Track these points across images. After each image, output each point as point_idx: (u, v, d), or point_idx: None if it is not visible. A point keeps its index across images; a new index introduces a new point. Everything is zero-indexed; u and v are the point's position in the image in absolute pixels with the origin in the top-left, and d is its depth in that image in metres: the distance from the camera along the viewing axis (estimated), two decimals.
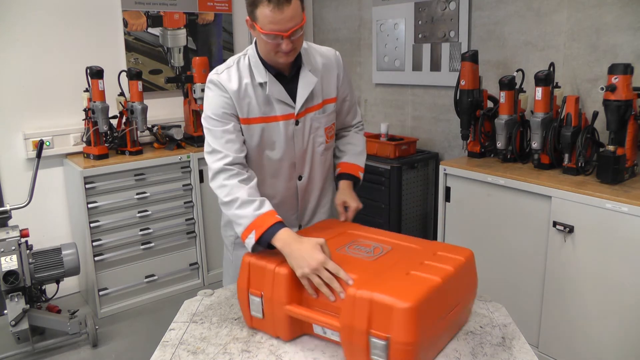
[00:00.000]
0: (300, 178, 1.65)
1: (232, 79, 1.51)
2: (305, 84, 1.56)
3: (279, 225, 1.35)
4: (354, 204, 1.66)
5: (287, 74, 1.55)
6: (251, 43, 1.60)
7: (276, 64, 1.51)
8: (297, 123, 1.57)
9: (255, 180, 1.49)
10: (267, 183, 1.62)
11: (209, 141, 1.51)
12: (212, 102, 1.52)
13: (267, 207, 1.40)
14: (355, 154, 1.77)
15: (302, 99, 1.55)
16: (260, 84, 1.52)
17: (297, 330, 1.30)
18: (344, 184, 1.71)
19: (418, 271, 1.22)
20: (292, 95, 1.55)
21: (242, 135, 1.54)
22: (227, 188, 1.43)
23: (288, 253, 1.27)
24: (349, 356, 1.18)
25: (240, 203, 1.40)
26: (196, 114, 3.44)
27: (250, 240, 1.35)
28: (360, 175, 1.75)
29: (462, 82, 2.72)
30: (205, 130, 1.53)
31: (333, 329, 1.20)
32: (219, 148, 1.48)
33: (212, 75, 1.54)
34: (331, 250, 1.32)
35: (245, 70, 1.54)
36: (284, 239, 1.31)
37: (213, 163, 1.48)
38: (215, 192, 1.48)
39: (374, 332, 1.11)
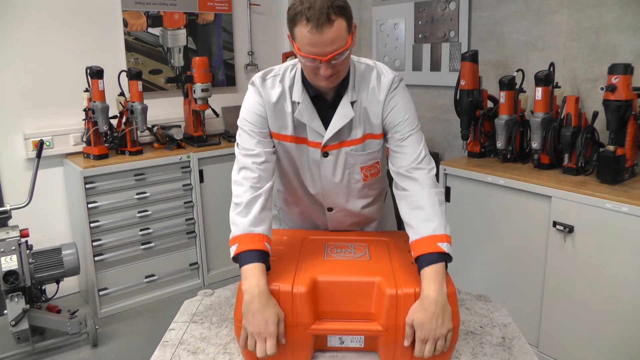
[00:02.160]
0: (330, 210, 1.53)
1: (274, 88, 1.39)
2: (340, 117, 1.37)
3: (260, 256, 1.23)
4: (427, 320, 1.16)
5: (328, 98, 1.38)
6: (251, 45, 1.50)
7: (317, 87, 1.36)
8: (325, 155, 1.42)
9: (270, 191, 1.37)
10: (294, 208, 1.57)
11: (240, 141, 1.40)
12: (249, 104, 1.41)
13: (262, 229, 1.28)
14: (427, 221, 1.26)
15: (332, 132, 1.38)
16: (295, 103, 1.38)
17: (313, 350, 1.23)
18: (424, 274, 1.20)
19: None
20: (327, 122, 1.38)
21: (274, 145, 1.43)
22: (242, 189, 1.33)
23: (248, 300, 1.16)
24: (390, 358, 1.18)
25: (241, 209, 1.30)
26: (196, 114, 3.44)
27: (232, 251, 1.27)
28: (443, 247, 1.22)
29: (462, 82, 2.72)
30: (239, 130, 1.42)
31: (375, 334, 1.18)
32: (250, 147, 1.37)
33: (257, 77, 1.42)
34: (315, 258, 1.32)
35: (289, 83, 1.40)
36: (253, 281, 1.18)
37: (242, 157, 1.37)
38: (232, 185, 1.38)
39: None
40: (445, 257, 1.21)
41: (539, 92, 2.46)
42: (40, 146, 2.88)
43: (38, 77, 3.16)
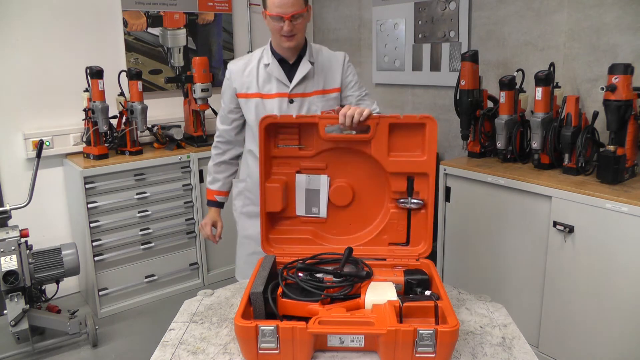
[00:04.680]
0: None
1: (238, 64, 1.92)
2: (302, 69, 1.87)
3: (212, 203, 2.09)
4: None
5: (290, 62, 1.88)
6: (251, 45, 1.80)
7: (281, 50, 1.85)
8: (291, 101, 1.88)
9: (228, 157, 2.05)
10: None
11: (218, 115, 2.05)
12: (223, 86, 1.97)
13: (217, 185, 2.06)
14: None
15: (297, 79, 1.86)
16: (265, 65, 1.87)
17: (313, 350, 1.23)
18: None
19: None
20: (291, 78, 1.87)
21: (237, 114, 1.96)
22: (212, 155, 2.08)
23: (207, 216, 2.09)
24: (390, 358, 1.18)
25: (207, 171, 2.09)
26: (196, 114, 3.44)
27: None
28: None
29: (462, 82, 2.72)
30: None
31: (375, 334, 1.18)
32: (218, 123, 2.04)
33: (229, 62, 1.97)
34: None
35: (256, 57, 1.91)
36: (209, 210, 2.11)
37: (215, 132, 2.05)
38: None
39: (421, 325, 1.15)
40: None
41: (539, 92, 2.46)
42: (40, 146, 2.88)
43: (38, 77, 3.16)
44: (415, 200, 1.55)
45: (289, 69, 1.88)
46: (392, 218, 1.59)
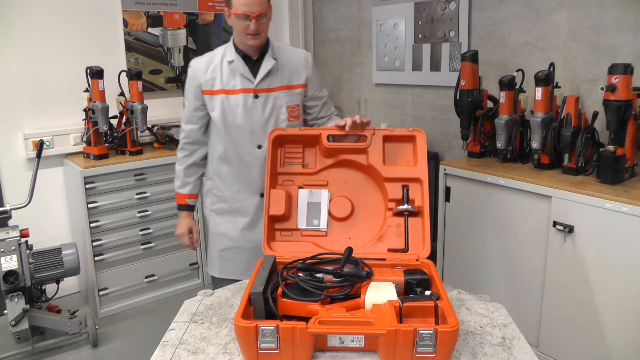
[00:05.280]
0: (260, 147, 1.92)
1: (201, 61, 1.94)
2: (265, 65, 1.90)
3: (184, 207, 2.11)
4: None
5: (253, 58, 1.91)
6: None
7: (245, 47, 1.88)
8: (256, 96, 1.90)
9: (196, 158, 2.04)
10: (232, 149, 1.94)
11: (182, 116, 2.04)
12: (186, 84, 1.98)
13: (187, 189, 2.07)
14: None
15: (261, 75, 1.89)
16: (229, 62, 1.90)
17: (313, 350, 1.22)
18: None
19: None
20: (255, 74, 1.90)
21: (203, 111, 1.95)
22: (178, 158, 2.06)
23: (179, 222, 2.13)
24: (390, 358, 1.18)
25: (175, 174, 2.08)
26: None
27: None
28: None
29: (462, 82, 2.72)
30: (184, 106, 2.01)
31: (375, 334, 1.18)
32: (182, 124, 2.02)
33: (192, 60, 1.98)
34: None
35: (218, 54, 1.94)
36: (180, 215, 2.13)
37: (180, 134, 2.04)
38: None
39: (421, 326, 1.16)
40: None
41: (539, 92, 2.46)
42: (40, 146, 2.88)
43: (38, 77, 3.16)
44: (411, 207, 1.61)
45: (252, 65, 1.90)
46: (390, 225, 1.64)
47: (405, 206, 1.61)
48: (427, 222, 1.61)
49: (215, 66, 1.91)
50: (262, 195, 1.97)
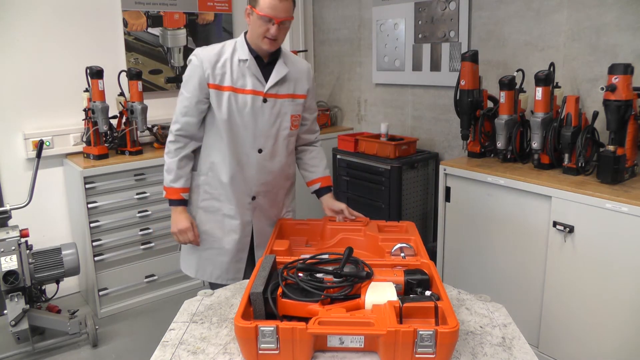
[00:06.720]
0: (260, 151, 1.92)
1: (210, 52, 1.85)
2: (279, 71, 1.88)
3: (178, 202, 1.99)
4: (344, 205, 2.03)
5: (265, 60, 1.88)
6: None
7: (259, 50, 1.84)
8: (265, 100, 1.87)
9: (189, 151, 1.94)
10: (231, 148, 1.90)
11: (176, 108, 1.92)
12: (188, 72, 1.86)
13: (181, 182, 1.95)
14: (325, 168, 2.15)
15: (273, 81, 1.87)
16: (241, 60, 1.84)
17: (313, 350, 1.23)
18: (330, 194, 2.11)
19: None
20: (266, 78, 1.87)
21: (205, 104, 1.87)
22: (169, 150, 1.95)
23: (172, 218, 2.01)
24: (390, 358, 1.18)
25: (166, 168, 1.95)
26: None
27: (164, 193, 1.99)
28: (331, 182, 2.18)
29: (462, 82, 2.72)
30: (179, 95, 1.91)
31: (375, 334, 1.18)
32: (178, 116, 1.91)
33: (196, 49, 1.88)
34: None
35: (229, 49, 1.86)
36: (175, 210, 2.01)
37: (171, 126, 1.95)
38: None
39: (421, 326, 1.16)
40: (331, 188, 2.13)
41: (539, 92, 2.46)
42: (40, 146, 2.88)
43: (38, 77, 3.16)
44: (409, 254, 1.65)
45: (262, 67, 1.87)
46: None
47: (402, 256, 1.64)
48: (425, 257, 1.61)
49: (226, 61, 1.84)
50: (254, 198, 1.98)
